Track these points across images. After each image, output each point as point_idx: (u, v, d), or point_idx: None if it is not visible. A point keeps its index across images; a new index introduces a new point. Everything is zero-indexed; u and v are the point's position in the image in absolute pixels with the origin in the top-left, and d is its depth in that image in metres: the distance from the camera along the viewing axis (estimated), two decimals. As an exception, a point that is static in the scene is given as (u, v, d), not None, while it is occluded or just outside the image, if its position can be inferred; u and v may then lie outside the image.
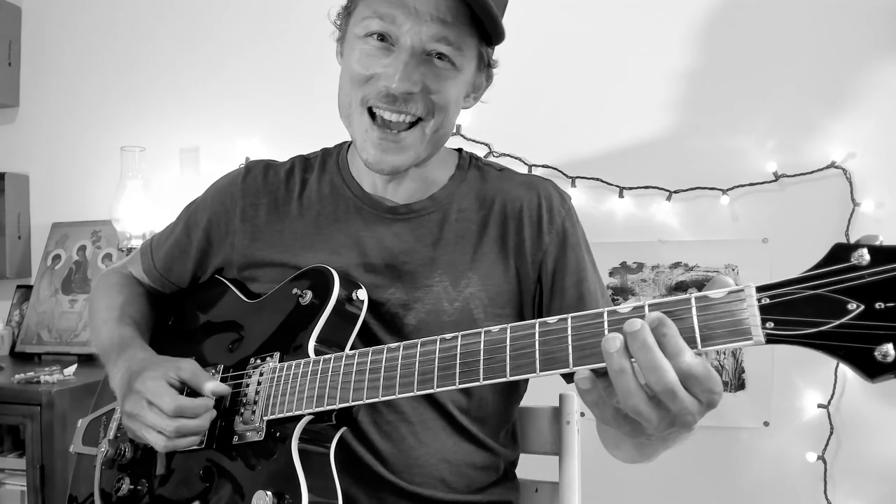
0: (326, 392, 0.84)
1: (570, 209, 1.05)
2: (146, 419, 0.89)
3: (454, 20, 0.90)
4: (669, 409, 0.64)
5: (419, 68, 0.91)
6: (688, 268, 1.81)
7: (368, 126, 0.94)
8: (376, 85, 0.92)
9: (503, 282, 1.01)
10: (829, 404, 1.70)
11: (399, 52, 0.91)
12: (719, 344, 0.62)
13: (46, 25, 2.42)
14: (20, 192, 2.39)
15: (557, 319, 0.70)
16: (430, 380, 0.76)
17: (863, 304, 0.56)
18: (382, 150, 0.94)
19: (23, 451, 1.81)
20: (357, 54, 0.94)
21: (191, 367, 0.93)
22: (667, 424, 0.65)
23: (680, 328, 0.63)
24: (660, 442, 0.76)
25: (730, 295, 0.62)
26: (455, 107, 0.98)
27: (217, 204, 1.11)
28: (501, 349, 0.72)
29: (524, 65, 1.83)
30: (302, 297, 0.95)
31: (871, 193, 1.69)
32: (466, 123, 1.94)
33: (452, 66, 0.93)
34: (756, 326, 0.60)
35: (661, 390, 0.63)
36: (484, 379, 0.72)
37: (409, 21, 0.89)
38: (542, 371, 0.69)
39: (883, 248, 0.57)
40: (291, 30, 2.13)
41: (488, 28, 0.93)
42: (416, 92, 0.92)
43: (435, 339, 0.77)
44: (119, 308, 1.12)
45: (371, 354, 0.82)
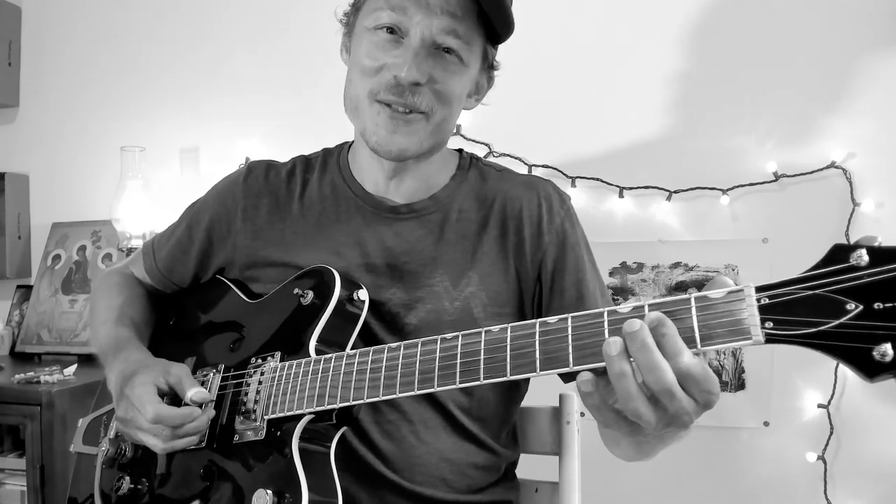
0: (327, 392, 0.84)
1: (569, 209, 1.06)
2: (139, 424, 0.90)
3: (464, 15, 0.92)
4: (667, 409, 0.64)
5: (428, 60, 0.92)
6: (688, 268, 1.81)
7: (379, 109, 0.94)
8: (385, 76, 0.93)
9: (503, 281, 1.01)
10: (829, 404, 1.70)
11: (409, 43, 0.92)
12: (719, 344, 0.62)
13: (46, 25, 2.42)
14: (20, 192, 2.39)
15: (558, 319, 0.70)
16: (431, 379, 0.76)
17: (861, 305, 0.57)
18: (392, 129, 0.94)
19: (23, 451, 1.81)
20: (366, 46, 0.95)
21: (178, 373, 0.93)
22: (664, 424, 0.66)
23: (679, 328, 0.63)
24: (657, 440, 0.77)
25: (729, 295, 0.62)
26: (458, 102, 0.99)
27: (219, 204, 1.11)
28: (502, 349, 0.72)
29: (524, 65, 1.83)
30: (303, 297, 0.96)
31: (871, 193, 1.69)
32: (466, 123, 1.94)
33: (460, 60, 0.95)
34: (755, 326, 0.60)
35: (659, 390, 0.63)
36: (484, 378, 0.72)
37: (420, 13, 0.91)
38: (542, 370, 0.69)
39: (881, 249, 0.57)
40: (292, 29, 2.13)
41: (497, 22, 0.94)
42: (423, 83, 0.92)
43: (435, 338, 0.77)
44: (118, 308, 1.12)
45: (371, 354, 0.82)
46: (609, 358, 0.64)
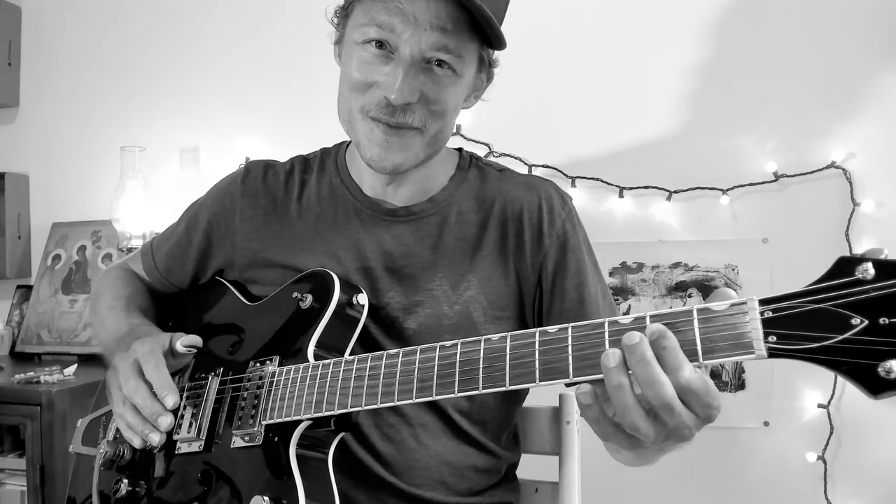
0: (325, 398, 0.83)
1: (570, 210, 1.04)
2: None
3: (454, 28, 0.88)
4: (666, 424, 0.64)
5: (419, 77, 0.90)
6: (688, 268, 1.81)
7: (372, 126, 0.93)
8: (376, 94, 0.91)
9: (503, 284, 1.00)
10: (829, 404, 1.70)
11: (398, 61, 0.89)
12: (721, 357, 0.61)
13: (46, 25, 2.41)
14: (20, 192, 2.39)
15: (558, 329, 0.69)
16: (429, 387, 0.75)
17: (867, 320, 0.56)
18: (386, 147, 0.93)
19: (23, 451, 1.82)
20: (356, 61, 0.93)
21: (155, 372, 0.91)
22: (663, 438, 0.65)
23: (681, 340, 0.62)
24: (657, 451, 0.76)
25: (732, 308, 0.61)
26: (454, 111, 0.97)
27: (217, 205, 1.11)
28: (501, 358, 0.71)
29: (525, 65, 1.83)
30: (302, 301, 0.95)
31: (871, 193, 1.69)
32: (466, 123, 1.94)
33: (453, 72, 0.92)
34: (758, 340, 0.59)
35: (658, 404, 0.62)
36: (483, 388, 0.72)
37: (409, 30, 0.87)
38: (541, 381, 0.69)
39: (888, 263, 0.56)
40: (292, 29, 2.12)
41: (490, 36, 0.91)
42: (414, 102, 0.90)
43: (435, 346, 0.76)
44: (126, 298, 1.11)
45: (370, 360, 0.81)
46: (607, 370, 0.63)
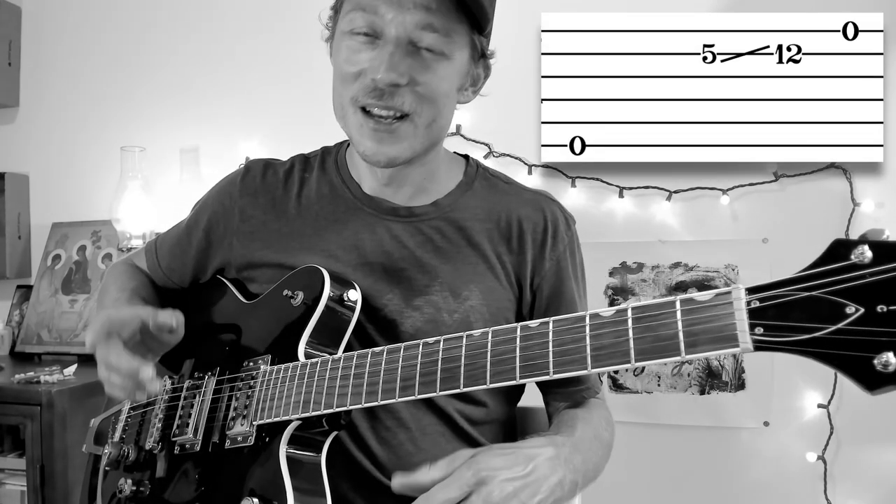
0: (312, 398, 0.83)
1: (573, 235, 1.05)
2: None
3: (438, 7, 0.87)
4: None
5: (406, 59, 0.89)
6: (688, 268, 1.81)
7: (363, 120, 0.92)
8: (364, 80, 0.90)
9: (504, 298, 1.01)
10: (829, 404, 1.70)
11: (384, 43, 0.89)
12: (705, 351, 0.57)
13: (46, 25, 2.41)
14: (20, 192, 2.39)
15: (539, 323, 0.68)
16: (412, 386, 0.75)
17: (863, 308, 0.51)
18: (378, 140, 0.92)
19: (23, 451, 1.81)
20: (344, 52, 0.93)
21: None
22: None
23: (664, 333, 0.59)
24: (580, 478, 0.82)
25: (717, 297, 0.57)
26: (447, 99, 0.95)
27: (217, 204, 1.11)
28: (482, 354, 0.70)
29: (525, 65, 1.83)
30: (293, 299, 0.93)
31: (871, 193, 1.69)
32: (466, 123, 1.93)
33: (442, 54, 0.91)
34: (744, 332, 0.55)
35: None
36: (465, 385, 0.71)
37: (392, 10, 0.87)
38: (521, 378, 0.67)
39: (887, 244, 0.51)
40: (292, 29, 2.12)
41: (473, 10, 0.89)
42: (402, 84, 0.89)
43: (418, 343, 0.76)
44: (130, 290, 1.11)
45: (356, 359, 0.81)
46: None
